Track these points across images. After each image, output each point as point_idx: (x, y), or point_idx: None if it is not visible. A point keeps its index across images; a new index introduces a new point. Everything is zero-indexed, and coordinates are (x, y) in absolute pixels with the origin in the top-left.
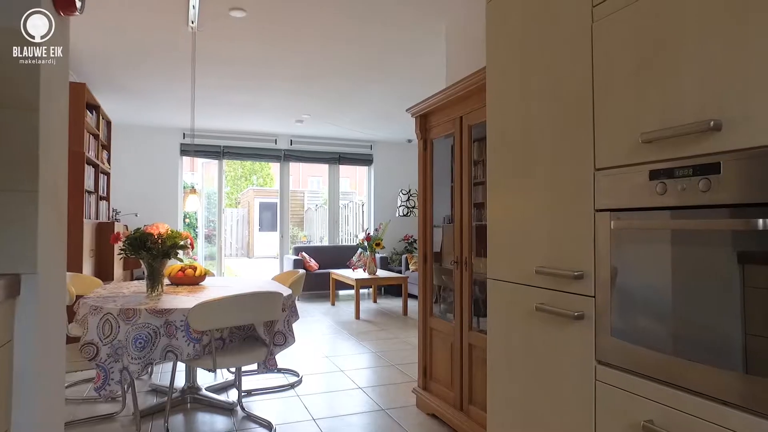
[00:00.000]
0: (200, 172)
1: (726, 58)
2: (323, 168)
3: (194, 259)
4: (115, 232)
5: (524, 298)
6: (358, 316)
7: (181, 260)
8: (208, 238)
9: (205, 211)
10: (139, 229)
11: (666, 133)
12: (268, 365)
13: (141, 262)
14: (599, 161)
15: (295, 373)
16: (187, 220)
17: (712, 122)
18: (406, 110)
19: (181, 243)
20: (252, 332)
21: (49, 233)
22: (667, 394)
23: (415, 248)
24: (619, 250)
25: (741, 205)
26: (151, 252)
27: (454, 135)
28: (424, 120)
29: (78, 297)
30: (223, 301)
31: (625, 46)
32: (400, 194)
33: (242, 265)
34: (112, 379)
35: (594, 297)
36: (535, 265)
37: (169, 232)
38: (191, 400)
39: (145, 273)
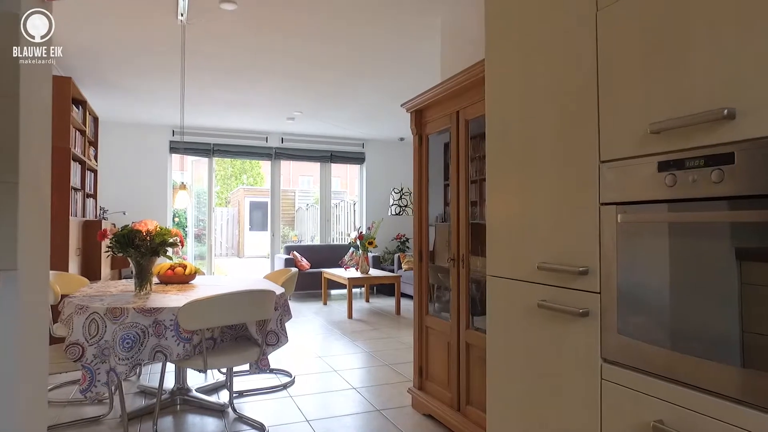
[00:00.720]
0: (190, 170)
1: (739, 42)
2: (314, 167)
3: (184, 259)
4: (102, 228)
5: (525, 295)
6: (350, 316)
7: (170, 258)
8: (198, 238)
9: (195, 210)
10: (127, 226)
11: (676, 123)
12: (261, 366)
13: (129, 260)
14: (604, 153)
15: (287, 374)
16: (177, 220)
17: (725, 111)
18: (401, 105)
19: (171, 240)
20: (244, 332)
21: (31, 228)
22: (679, 393)
23: (408, 247)
24: (626, 244)
25: (757, 196)
26: (140, 249)
27: (450, 130)
28: (419, 115)
29: (63, 296)
30: (214, 300)
31: (632, 33)
32: (392, 193)
33: (232, 265)
34: (99, 381)
35: (599, 293)
36: (537, 262)
37: (158, 229)
38: (181, 401)
39: (134, 271)
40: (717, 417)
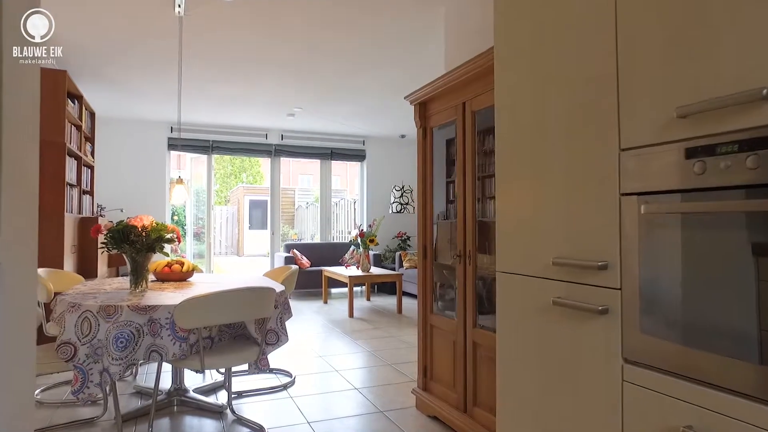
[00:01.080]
0: (189, 168)
1: None
2: (313, 166)
3: (182, 257)
4: (97, 224)
5: (539, 292)
6: (351, 314)
7: (167, 255)
8: (197, 236)
9: (194, 208)
10: (122, 221)
11: (706, 106)
12: (260, 365)
13: (124, 257)
14: (625, 141)
15: (287, 374)
16: (176, 218)
17: (764, 90)
18: (405, 97)
19: (167, 236)
20: (242, 331)
21: (16, 221)
22: (710, 397)
23: (409, 245)
24: (649, 237)
25: None
26: (135, 245)
27: (456, 122)
28: (423, 107)
29: (56, 294)
30: (211, 298)
31: (656, 12)
32: (393, 190)
33: (232, 264)
34: (92, 382)
35: (620, 289)
36: (551, 257)
37: (153, 224)
38: (178, 402)
39: (129, 268)
40: (752, 422)
